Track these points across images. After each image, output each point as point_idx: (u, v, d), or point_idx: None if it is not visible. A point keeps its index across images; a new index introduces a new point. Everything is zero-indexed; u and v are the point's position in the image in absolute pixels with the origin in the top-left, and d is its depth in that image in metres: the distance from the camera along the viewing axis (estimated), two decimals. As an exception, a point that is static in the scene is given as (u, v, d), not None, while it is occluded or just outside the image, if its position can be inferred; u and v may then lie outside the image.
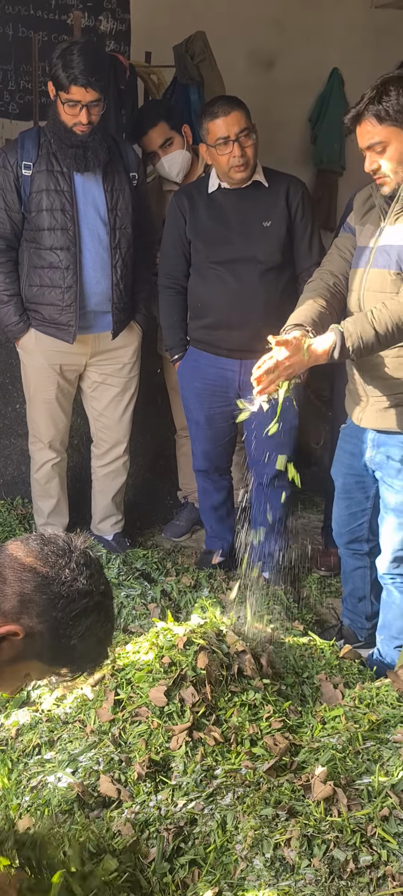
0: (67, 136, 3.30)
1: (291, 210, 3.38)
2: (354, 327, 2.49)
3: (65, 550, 1.66)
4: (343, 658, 2.93)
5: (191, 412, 3.64)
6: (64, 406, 3.70)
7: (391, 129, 2.55)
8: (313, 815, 2.00)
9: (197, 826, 2.05)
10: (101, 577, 1.71)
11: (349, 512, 3.09)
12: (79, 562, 1.65)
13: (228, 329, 3.40)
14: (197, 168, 3.81)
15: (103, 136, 3.38)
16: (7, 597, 1.61)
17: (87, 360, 3.63)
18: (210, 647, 2.56)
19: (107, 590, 1.72)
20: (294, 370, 2.51)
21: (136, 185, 3.56)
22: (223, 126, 3.22)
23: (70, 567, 1.64)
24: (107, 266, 3.47)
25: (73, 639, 1.63)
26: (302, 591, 3.77)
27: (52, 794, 2.17)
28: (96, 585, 1.66)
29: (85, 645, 1.65)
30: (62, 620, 1.62)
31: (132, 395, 3.77)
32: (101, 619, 1.68)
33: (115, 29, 4.85)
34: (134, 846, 1.98)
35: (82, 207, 3.40)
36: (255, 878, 1.89)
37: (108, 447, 3.82)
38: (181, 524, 4.25)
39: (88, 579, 1.65)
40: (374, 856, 1.90)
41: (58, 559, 1.64)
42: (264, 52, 5.70)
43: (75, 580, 1.63)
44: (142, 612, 3.27)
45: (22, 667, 1.67)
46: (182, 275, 3.53)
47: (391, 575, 2.93)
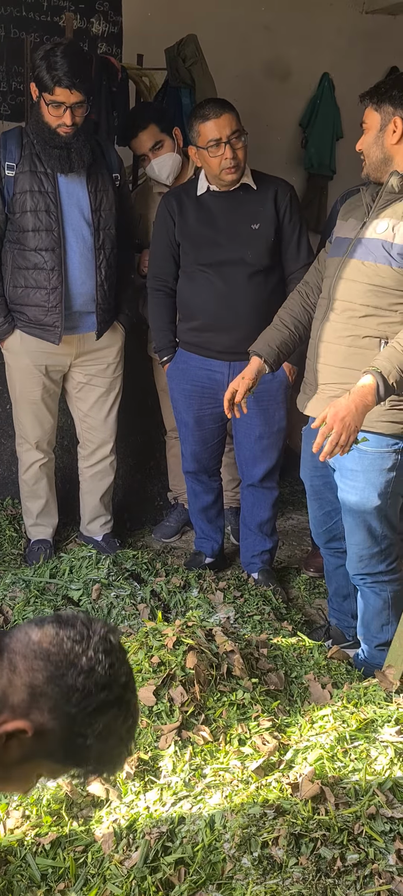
0: (51, 137, 3.30)
1: (279, 213, 3.40)
2: (390, 363, 2.48)
3: (83, 636, 1.46)
4: (332, 658, 2.95)
5: (181, 414, 3.66)
6: (50, 406, 3.70)
7: (372, 112, 2.66)
8: (301, 813, 2.01)
9: (185, 825, 2.06)
10: (123, 666, 1.50)
11: (322, 512, 3.11)
12: (98, 649, 1.45)
13: (217, 331, 3.42)
14: (187, 171, 3.82)
15: (87, 138, 3.39)
16: (16, 688, 1.43)
17: (72, 360, 3.63)
18: (199, 647, 2.57)
19: (129, 682, 1.51)
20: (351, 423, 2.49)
21: (119, 186, 3.56)
22: (214, 128, 3.24)
23: (87, 655, 1.44)
24: (91, 267, 3.48)
25: (90, 738, 1.44)
26: (290, 591, 3.79)
27: (40, 794, 2.18)
28: (116, 677, 1.47)
29: (103, 745, 1.46)
30: (77, 717, 1.43)
31: (117, 395, 3.78)
32: (122, 714, 1.48)
33: (107, 31, 4.85)
34: None
35: (66, 208, 3.41)
36: (243, 877, 1.90)
37: (95, 447, 3.83)
38: (171, 525, 4.26)
39: (108, 670, 1.45)
40: (361, 854, 1.91)
41: (74, 645, 1.45)
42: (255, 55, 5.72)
43: (93, 670, 1.44)
44: (131, 613, 3.28)
45: (32, 766, 1.50)
46: (171, 277, 3.54)
47: (360, 576, 2.94)
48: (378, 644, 2.98)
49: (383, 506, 2.80)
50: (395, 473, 2.76)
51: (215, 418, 3.60)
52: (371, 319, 2.68)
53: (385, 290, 2.65)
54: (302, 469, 3.13)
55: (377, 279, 2.65)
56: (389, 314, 2.66)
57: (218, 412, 3.57)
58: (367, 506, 2.80)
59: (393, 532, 2.90)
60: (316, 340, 2.85)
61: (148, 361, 4.17)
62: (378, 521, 2.82)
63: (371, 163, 2.70)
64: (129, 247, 3.72)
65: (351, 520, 2.87)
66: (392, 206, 2.66)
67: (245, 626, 3.25)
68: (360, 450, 2.72)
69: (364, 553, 2.88)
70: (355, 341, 2.71)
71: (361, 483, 2.78)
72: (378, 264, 2.64)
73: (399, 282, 2.62)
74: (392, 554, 2.91)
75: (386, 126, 2.64)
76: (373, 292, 2.66)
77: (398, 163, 2.66)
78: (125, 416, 4.18)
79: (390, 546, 2.90)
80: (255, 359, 3.01)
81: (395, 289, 2.63)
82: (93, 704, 1.43)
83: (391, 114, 2.63)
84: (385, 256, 2.63)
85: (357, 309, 2.70)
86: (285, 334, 3.02)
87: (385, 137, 2.65)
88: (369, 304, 2.68)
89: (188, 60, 4.56)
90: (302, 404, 2.94)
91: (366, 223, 2.72)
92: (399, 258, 2.61)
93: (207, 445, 3.66)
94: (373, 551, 2.87)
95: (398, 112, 2.62)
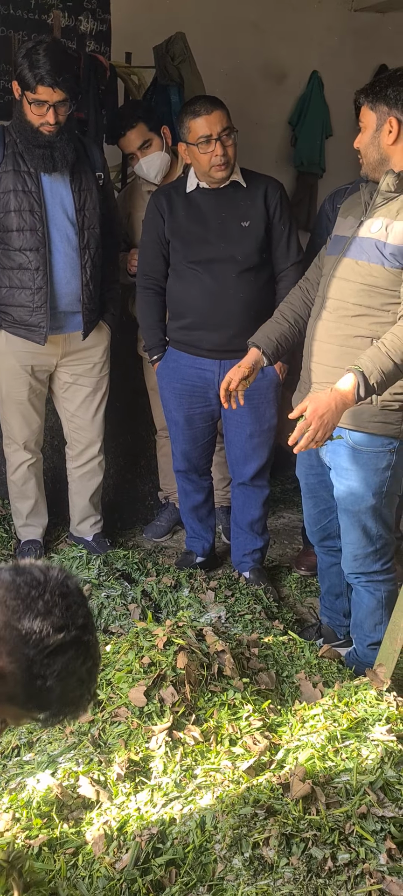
0: (34, 136, 3.29)
1: (269, 211, 3.39)
2: (372, 363, 2.47)
3: (39, 581, 1.49)
4: (323, 657, 2.95)
5: (171, 413, 3.65)
6: (37, 406, 3.69)
7: (368, 111, 2.66)
8: (292, 813, 2.01)
9: (176, 826, 2.05)
10: (81, 608, 1.52)
11: (317, 510, 3.11)
12: (55, 592, 1.48)
13: (207, 329, 3.41)
14: (176, 170, 3.81)
15: (70, 137, 3.38)
16: None
17: (58, 360, 3.62)
18: (189, 647, 2.57)
19: (86, 623, 1.53)
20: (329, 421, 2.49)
21: (102, 185, 3.55)
22: (205, 125, 3.23)
23: (44, 598, 1.46)
24: (76, 266, 3.46)
25: (49, 679, 1.45)
26: (282, 590, 3.78)
27: (31, 796, 2.17)
28: (73, 619, 1.48)
29: (63, 686, 1.48)
30: (35, 659, 1.44)
31: (103, 395, 3.77)
32: (81, 656, 1.50)
33: (96, 29, 4.83)
34: None
35: (50, 208, 3.40)
36: (234, 878, 1.89)
37: (83, 448, 3.82)
38: (161, 524, 4.25)
39: (64, 612, 1.47)
40: (352, 854, 1.91)
41: (30, 590, 1.47)
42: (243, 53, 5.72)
43: (49, 613, 1.46)
44: (122, 613, 3.27)
45: None
46: (160, 275, 3.53)
47: (355, 574, 2.95)
48: (370, 643, 2.98)
49: (378, 505, 2.80)
50: (390, 473, 2.76)
51: (205, 417, 3.59)
52: (364, 319, 2.68)
53: (377, 289, 2.64)
54: (297, 467, 3.13)
55: (370, 279, 2.65)
56: (381, 314, 2.65)
57: (208, 411, 3.57)
58: (362, 505, 2.80)
59: (388, 532, 2.90)
60: (310, 339, 2.85)
61: (138, 361, 4.17)
62: (373, 521, 2.82)
63: (368, 162, 2.70)
64: (113, 245, 3.71)
65: (347, 519, 2.87)
66: (387, 206, 2.66)
67: (236, 625, 3.24)
68: (355, 449, 2.73)
69: (359, 552, 2.88)
70: (347, 341, 2.70)
71: (356, 482, 2.78)
72: (372, 264, 2.64)
73: (392, 282, 2.62)
74: (387, 553, 2.91)
75: (382, 126, 2.63)
76: (366, 292, 2.66)
77: (395, 162, 2.65)
78: (115, 415, 4.17)
79: (385, 546, 2.90)
80: (253, 350, 2.97)
81: (387, 289, 2.63)
82: (50, 646, 1.44)
83: (386, 114, 2.62)
84: (378, 256, 2.63)
85: (349, 308, 2.70)
86: (284, 327, 2.99)
87: (381, 138, 2.64)
88: (361, 304, 2.67)
89: (176, 58, 4.55)
90: (297, 403, 2.93)
91: (363, 222, 2.72)
92: (392, 258, 2.60)
93: (198, 444, 3.66)
94: (368, 550, 2.87)
95: (393, 112, 2.61)
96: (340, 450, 2.79)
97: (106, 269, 3.62)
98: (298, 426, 2.52)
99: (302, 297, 3.02)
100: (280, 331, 2.99)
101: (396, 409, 2.70)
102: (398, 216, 2.61)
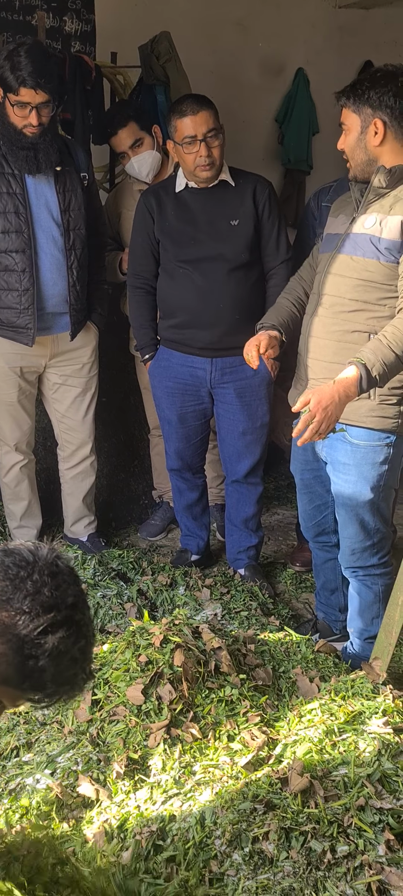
0: (17, 138, 3.28)
1: (258, 209, 3.40)
2: (374, 355, 2.49)
3: (28, 561, 1.49)
4: (319, 652, 2.96)
5: (164, 411, 3.65)
6: (27, 408, 3.69)
7: (352, 114, 2.67)
8: (290, 807, 2.02)
9: (175, 823, 2.06)
10: (71, 587, 1.52)
11: (312, 506, 3.12)
12: (44, 572, 1.48)
13: (198, 328, 3.42)
14: (167, 168, 3.81)
15: (54, 138, 3.38)
16: None
17: (47, 361, 3.63)
18: (186, 645, 2.57)
19: (77, 602, 1.52)
20: (333, 413, 2.49)
21: (87, 186, 3.55)
22: (190, 125, 3.23)
23: (33, 578, 1.47)
24: (62, 267, 3.47)
25: (41, 659, 1.45)
26: (277, 586, 3.79)
27: (30, 797, 2.17)
28: (64, 597, 1.49)
29: (56, 666, 1.48)
30: (26, 639, 1.44)
31: (93, 395, 3.77)
32: (73, 634, 1.50)
33: (80, 29, 4.82)
34: None
35: (35, 210, 3.39)
36: (234, 873, 1.90)
37: (74, 448, 3.82)
38: (156, 523, 4.26)
39: (54, 591, 1.47)
40: (351, 846, 1.92)
41: (19, 570, 1.47)
42: (229, 52, 5.73)
43: (39, 592, 1.46)
44: (118, 612, 3.28)
45: None
46: (151, 275, 3.54)
47: (352, 569, 2.96)
48: (367, 637, 2.99)
49: (375, 499, 2.81)
50: (387, 467, 2.78)
51: (198, 415, 3.60)
52: (360, 314, 2.69)
53: (373, 284, 2.66)
54: (291, 463, 3.14)
55: (365, 274, 2.67)
56: (378, 308, 2.67)
57: (200, 409, 3.58)
58: (360, 499, 2.81)
59: (386, 526, 2.92)
60: (306, 336, 2.86)
61: (130, 360, 4.17)
62: (370, 515, 2.84)
63: (356, 164, 2.71)
64: (99, 246, 3.71)
65: (344, 513, 2.88)
66: (380, 202, 2.68)
67: (232, 622, 3.25)
68: (353, 444, 2.74)
69: (356, 546, 2.90)
70: (344, 336, 2.72)
71: (354, 477, 2.80)
72: (367, 259, 2.66)
73: (388, 276, 2.64)
74: (384, 547, 2.93)
75: (367, 128, 2.65)
76: (362, 287, 2.68)
77: (383, 161, 2.67)
78: (108, 415, 4.17)
79: (382, 540, 2.91)
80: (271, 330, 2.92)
81: (383, 283, 2.65)
82: (40, 626, 1.45)
83: (370, 115, 2.63)
84: (374, 251, 2.64)
85: (346, 304, 2.72)
86: (292, 310, 2.98)
87: (368, 139, 2.66)
88: (358, 299, 2.69)
89: (162, 58, 4.56)
90: (294, 399, 2.94)
91: (355, 218, 2.74)
92: (387, 252, 2.62)
93: (191, 442, 3.66)
94: (366, 545, 2.89)
95: (377, 114, 2.63)
96: (337, 444, 2.81)
97: (92, 269, 3.63)
98: (302, 418, 2.51)
99: (302, 285, 3.03)
100: (287, 313, 2.97)
101: (393, 404, 2.71)
102: (391, 211, 2.63)
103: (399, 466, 2.84)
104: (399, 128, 2.64)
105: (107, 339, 3.93)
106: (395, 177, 2.65)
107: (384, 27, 6.18)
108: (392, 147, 2.65)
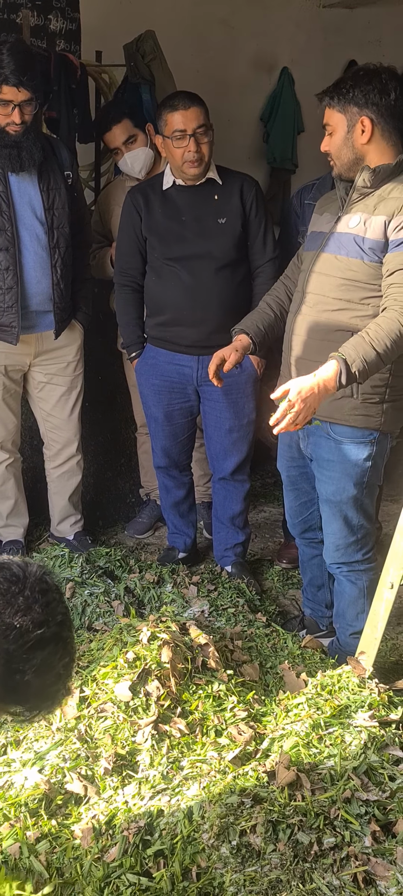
0: (0, 136, 3.29)
1: (245, 207, 3.41)
2: (355, 352, 2.50)
3: (19, 577, 1.52)
4: (306, 647, 2.98)
5: (150, 409, 3.66)
6: (12, 406, 3.69)
7: (337, 114, 2.67)
8: (277, 800, 2.04)
9: (163, 818, 2.07)
10: (60, 605, 1.57)
11: (298, 502, 3.14)
12: (35, 588, 1.51)
13: (184, 326, 3.43)
14: (159, 167, 3.82)
15: (37, 136, 3.38)
16: None
17: (31, 360, 3.62)
18: (173, 641, 2.58)
19: (65, 620, 1.58)
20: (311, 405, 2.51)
21: (71, 184, 3.56)
22: (181, 119, 3.25)
23: (24, 595, 1.50)
24: (46, 266, 3.47)
25: (28, 674, 1.49)
26: (264, 583, 3.81)
27: (18, 794, 2.18)
28: (53, 615, 1.53)
29: (41, 681, 1.52)
30: (15, 653, 1.47)
31: (78, 394, 3.77)
32: (59, 651, 1.54)
33: (65, 28, 4.82)
34: None
35: (19, 208, 3.39)
36: (222, 866, 1.92)
37: (60, 447, 3.82)
38: (143, 521, 4.27)
39: (44, 608, 1.51)
40: (337, 837, 1.94)
41: (10, 586, 1.50)
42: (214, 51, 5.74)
43: (30, 609, 1.49)
44: (106, 610, 3.28)
45: None
46: (138, 272, 3.54)
47: (337, 564, 2.98)
48: (353, 632, 3.01)
49: (359, 496, 2.83)
50: (371, 464, 2.80)
51: (184, 413, 3.61)
52: (344, 313, 2.71)
53: (357, 284, 2.68)
54: (278, 460, 3.16)
55: (349, 273, 2.68)
56: (361, 308, 2.68)
57: (187, 406, 3.59)
58: (344, 496, 2.83)
59: (370, 522, 2.94)
60: (290, 334, 2.88)
61: (117, 358, 4.17)
62: (354, 511, 2.86)
63: (342, 164, 2.72)
64: (84, 244, 3.72)
65: (329, 509, 2.90)
66: (364, 201, 2.69)
67: (219, 619, 3.26)
68: (336, 440, 2.76)
69: (341, 542, 2.92)
70: (328, 334, 2.73)
71: (338, 473, 2.82)
72: (351, 258, 2.67)
73: (371, 276, 2.65)
74: (368, 543, 2.95)
75: (354, 127, 2.65)
76: (346, 286, 2.69)
77: (370, 160, 2.68)
78: (95, 413, 4.17)
79: (366, 535, 2.94)
80: (243, 335, 2.97)
81: (367, 283, 2.66)
82: (30, 641, 1.48)
83: (357, 114, 2.64)
84: (358, 251, 2.66)
85: (329, 302, 2.73)
86: (271, 318, 3.01)
87: (354, 138, 2.66)
88: (341, 298, 2.71)
89: (147, 56, 4.57)
90: None
91: (340, 217, 2.75)
92: (371, 252, 2.64)
93: (177, 440, 3.67)
94: (350, 541, 2.91)
95: (364, 112, 2.63)
96: (321, 441, 2.83)
97: (77, 267, 3.62)
98: (281, 408, 2.52)
99: (286, 292, 3.05)
100: (267, 321, 3.00)
101: (376, 402, 2.74)
102: (375, 211, 2.64)
103: (382, 463, 2.86)
104: (386, 125, 2.65)
105: (95, 336, 3.93)
106: (379, 176, 2.66)
107: (368, 27, 6.21)
108: (379, 145, 2.67)
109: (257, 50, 5.91)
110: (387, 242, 2.62)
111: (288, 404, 2.50)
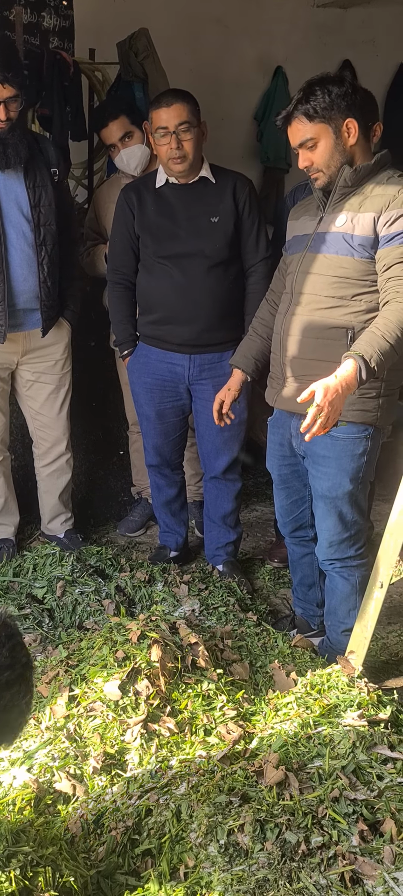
0: None
1: (238, 206, 3.41)
2: (371, 347, 2.51)
3: None
4: (296, 646, 2.99)
5: (142, 407, 3.66)
6: (0, 405, 3.68)
7: (320, 125, 2.68)
8: (265, 799, 2.04)
9: (152, 816, 2.07)
10: (23, 648, 1.72)
11: (289, 501, 3.15)
12: (1, 634, 1.65)
13: (176, 324, 3.43)
14: (155, 164, 3.81)
15: (23, 132, 3.37)
16: None
17: (19, 358, 3.62)
18: (163, 640, 2.58)
19: (28, 661, 1.73)
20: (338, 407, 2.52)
21: (58, 181, 3.55)
22: (163, 116, 3.24)
23: None
24: (33, 264, 3.46)
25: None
26: (255, 582, 3.81)
27: (7, 793, 2.17)
28: (19, 657, 1.67)
29: (6, 717, 1.66)
30: None
31: (67, 392, 3.77)
32: (23, 690, 1.69)
33: (59, 25, 4.81)
34: None
35: (5, 205, 3.38)
36: (210, 865, 1.92)
37: (49, 446, 3.82)
38: (135, 520, 4.26)
39: (11, 651, 1.65)
40: (325, 836, 1.94)
41: None
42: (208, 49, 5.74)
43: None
44: (96, 609, 3.28)
45: None
46: (130, 270, 3.54)
47: (329, 561, 2.99)
48: (344, 629, 3.01)
49: (354, 491, 2.84)
50: (366, 459, 2.82)
51: (176, 411, 3.61)
52: (337, 310, 2.73)
53: (348, 280, 2.70)
54: (268, 459, 3.16)
55: (340, 271, 2.71)
56: (354, 304, 2.71)
57: (179, 405, 3.59)
58: (339, 491, 2.84)
59: (363, 517, 2.95)
60: (282, 335, 2.88)
61: (109, 355, 4.16)
62: (349, 507, 2.87)
63: (332, 173, 2.73)
64: (71, 242, 3.71)
65: (323, 505, 2.91)
66: (348, 200, 2.72)
67: (210, 618, 3.27)
68: (332, 436, 2.76)
69: (334, 538, 2.93)
70: (322, 333, 2.75)
71: (333, 469, 2.83)
72: (341, 256, 2.70)
73: (362, 272, 2.68)
74: (360, 539, 2.96)
75: (340, 131, 2.68)
76: (337, 284, 2.72)
77: (357, 159, 2.72)
78: (86, 411, 4.17)
79: (359, 531, 2.95)
80: (237, 371, 3.16)
81: (358, 279, 2.69)
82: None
83: (341, 118, 2.67)
84: (347, 248, 2.69)
85: (322, 301, 2.75)
86: (258, 343, 3.13)
87: (344, 142, 2.69)
88: (334, 296, 2.73)
89: (140, 54, 4.57)
90: (271, 398, 3.00)
91: (324, 218, 2.77)
92: (361, 248, 2.66)
93: (169, 439, 3.67)
94: (343, 537, 2.92)
95: (347, 114, 2.67)
96: (316, 437, 2.83)
97: (64, 265, 3.61)
98: (310, 413, 2.52)
99: (270, 311, 3.10)
100: (256, 347, 3.14)
101: (373, 397, 2.75)
102: (361, 208, 2.67)
103: (375, 459, 2.88)
104: (363, 122, 2.71)
105: (86, 334, 3.93)
106: (360, 175, 2.70)
107: (362, 26, 6.22)
108: (362, 144, 2.72)
109: (251, 49, 5.91)
110: (377, 238, 2.65)
111: (317, 408, 2.49)
